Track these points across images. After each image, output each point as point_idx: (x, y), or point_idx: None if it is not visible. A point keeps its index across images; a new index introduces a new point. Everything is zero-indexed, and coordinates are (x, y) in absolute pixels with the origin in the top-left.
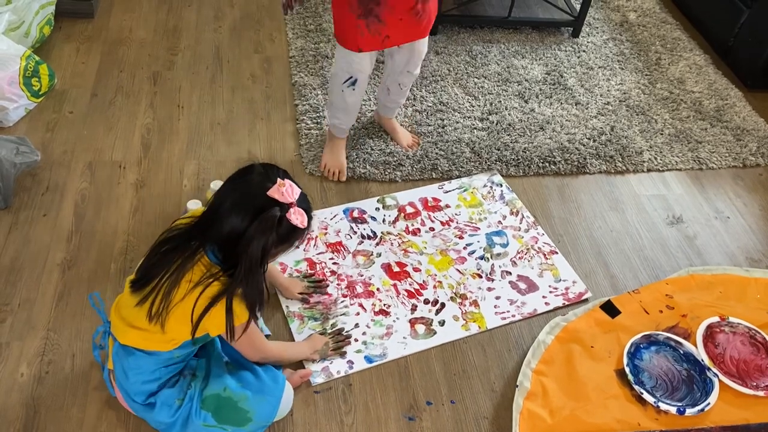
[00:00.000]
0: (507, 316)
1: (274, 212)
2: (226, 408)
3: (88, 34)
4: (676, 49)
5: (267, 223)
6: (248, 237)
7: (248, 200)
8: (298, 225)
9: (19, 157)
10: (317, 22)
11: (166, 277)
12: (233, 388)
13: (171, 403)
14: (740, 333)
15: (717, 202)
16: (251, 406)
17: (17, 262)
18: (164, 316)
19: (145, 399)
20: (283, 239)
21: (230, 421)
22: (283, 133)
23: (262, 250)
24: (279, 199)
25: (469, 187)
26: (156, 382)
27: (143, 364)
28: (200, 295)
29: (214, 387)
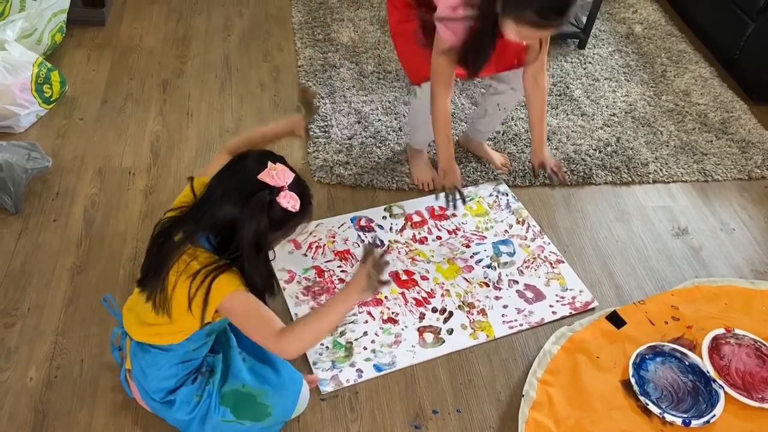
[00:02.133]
0: (514, 324)
1: (263, 195)
2: (245, 403)
3: (99, 42)
4: (682, 61)
5: (256, 206)
6: (240, 222)
7: (239, 185)
8: (289, 208)
9: (30, 162)
10: (326, 32)
11: (165, 270)
12: (252, 384)
13: (190, 400)
14: (746, 345)
15: (722, 214)
16: (270, 401)
17: (27, 267)
18: (168, 307)
19: (163, 396)
20: (278, 224)
21: (249, 416)
22: (291, 141)
23: (255, 234)
24: (269, 182)
25: (475, 196)
26: (174, 378)
27: (160, 361)
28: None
29: (232, 383)
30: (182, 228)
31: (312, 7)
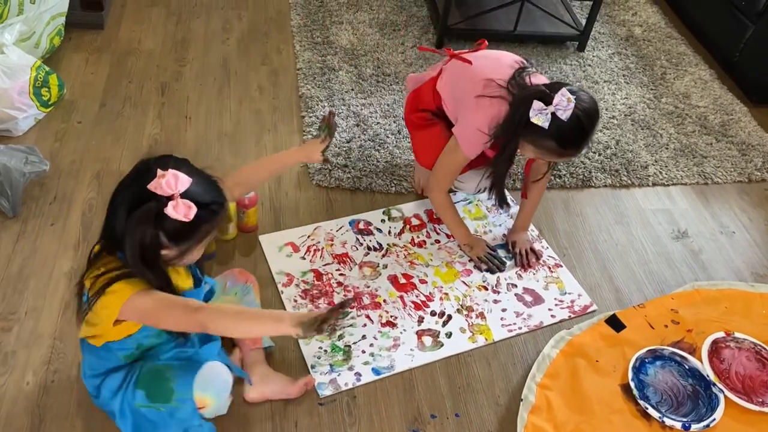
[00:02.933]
0: (513, 328)
1: (147, 207)
2: (154, 381)
3: (97, 45)
4: (682, 63)
5: (140, 218)
6: (126, 234)
7: (130, 196)
8: (180, 218)
9: (28, 166)
10: (324, 35)
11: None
12: (164, 361)
13: (113, 389)
14: (746, 348)
15: (722, 217)
16: (172, 374)
17: (25, 271)
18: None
19: (94, 391)
20: (178, 235)
21: (158, 397)
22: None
23: (139, 247)
24: (157, 191)
25: (474, 200)
26: (100, 377)
27: (91, 360)
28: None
29: (150, 362)
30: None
31: (311, 10)
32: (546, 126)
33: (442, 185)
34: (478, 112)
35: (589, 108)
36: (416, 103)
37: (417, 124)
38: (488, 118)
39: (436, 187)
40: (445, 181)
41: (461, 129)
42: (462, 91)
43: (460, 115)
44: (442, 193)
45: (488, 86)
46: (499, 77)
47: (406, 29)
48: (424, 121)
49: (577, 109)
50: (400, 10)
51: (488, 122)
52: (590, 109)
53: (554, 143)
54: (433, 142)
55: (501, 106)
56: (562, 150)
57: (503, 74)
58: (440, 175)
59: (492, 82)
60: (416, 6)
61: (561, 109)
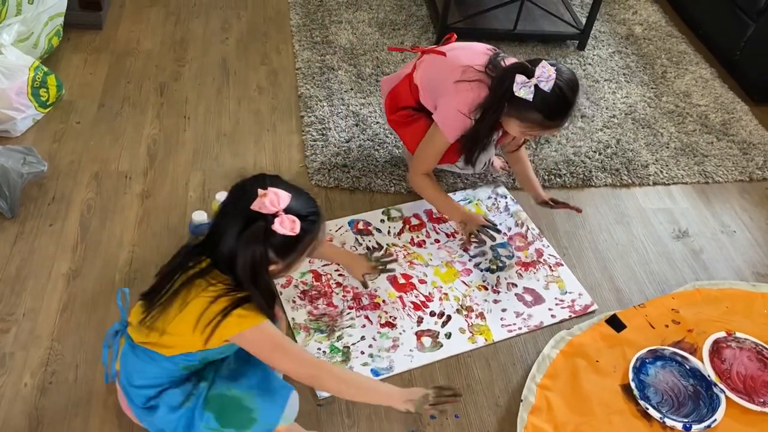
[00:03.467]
0: (513, 328)
1: (257, 226)
2: (229, 408)
3: (96, 46)
4: (682, 62)
5: (251, 237)
6: (237, 253)
7: (236, 216)
8: (288, 233)
9: (26, 167)
10: (324, 35)
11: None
12: (238, 388)
13: (174, 405)
14: (747, 348)
15: (723, 216)
16: (255, 405)
17: (23, 272)
18: (159, 326)
19: (145, 402)
20: (285, 249)
21: (234, 423)
22: (289, 144)
23: (252, 264)
24: (262, 211)
25: (473, 199)
26: (156, 388)
27: (147, 369)
28: (210, 304)
29: (218, 387)
30: (193, 257)
31: (310, 9)
32: (530, 98)
33: (422, 170)
34: (458, 96)
35: (570, 79)
36: (395, 102)
37: (401, 123)
38: (468, 101)
39: (416, 171)
40: (425, 167)
41: (441, 113)
42: (439, 81)
43: (439, 102)
44: (421, 176)
45: (466, 72)
46: (476, 63)
47: (405, 28)
48: (407, 118)
49: (558, 80)
50: (399, 10)
51: (468, 105)
52: (571, 79)
53: (540, 115)
54: (421, 135)
55: (480, 90)
56: (548, 121)
57: (479, 61)
58: (421, 160)
59: (470, 68)
60: (416, 5)
61: (543, 80)
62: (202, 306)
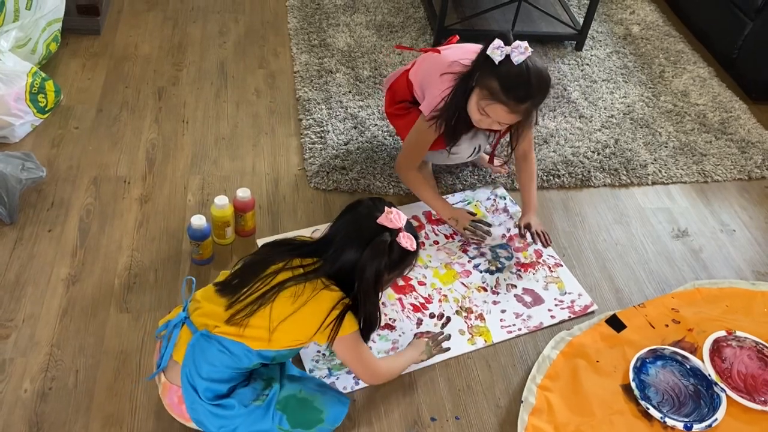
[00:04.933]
0: (513, 329)
1: (384, 237)
2: (301, 408)
3: (94, 51)
4: (680, 61)
5: (379, 248)
6: (362, 263)
7: (360, 230)
8: (409, 248)
9: (25, 173)
10: (321, 38)
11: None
12: (307, 390)
13: (246, 403)
14: (747, 347)
15: (722, 215)
16: (324, 406)
17: (22, 278)
18: (257, 321)
19: (213, 398)
20: (396, 264)
21: (303, 424)
22: (288, 147)
23: (375, 275)
24: (388, 225)
25: (472, 200)
26: (226, 383)
27: (218, 361)
28: (334, 307)
29: (289, 389)
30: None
31: (307, 12)
32: (497, 60)
33: (412, 162)
34: (442, 85)
35: (542, 70)
36: (393, 96)
37: (396, 115)
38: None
39: (405, 164)
40: (413, 158)
41: (427, 103)
42: (429, 74)
43: (426, 92)
44: (412, 170)
45: (452, 66)
46: (465, 59)
47: (403, 31)
48: (403, 110)
49: (529, 61)
50: (397, 12)
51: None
52: (542, 70)
53: (497, 84)
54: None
55: None
56: (503, 95)
57: (468, 57)
58: (408, 151)
59: (457, 62)
60: (413, 7)
61: (516, 52)
62: (326, 307)
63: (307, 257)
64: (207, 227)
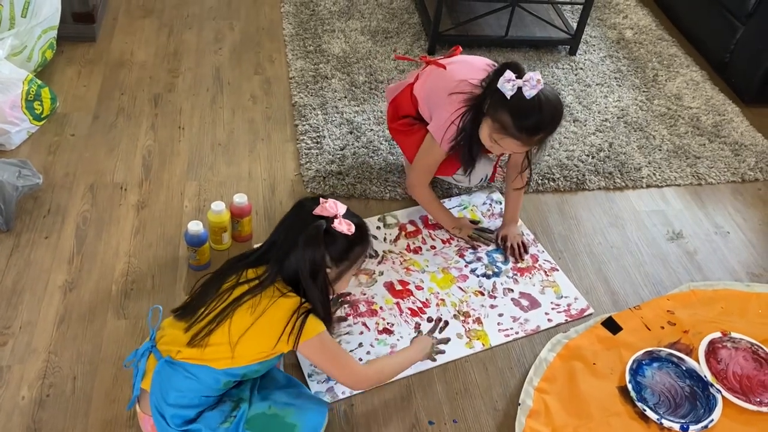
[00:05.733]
0: (510, 333)
1: (318, 224)
2: (271, 426)
3: (89, 58)
4: (673, 65)
5: (311, 234)
6: (298, 252)
7: (299, 225)
8: (345, 232)
9: (21, 180)
10: (317, 44)
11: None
12: (277, 405)
13: (214, 427)
14: (743, 348)
15: (716, 217)
16: (298, 419)
17: (19, 285)
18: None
19: (180, 424)
20: (342, 255)
21: None
22: (284, 153)
23: (311, 264)
24: (324, 213)
25: (468, 205)
26: (194, 409)
27: (185, 386)
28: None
29: (258, 407)
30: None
31: (303, 18)
32: (508, 95)
33: (423, 181)
34: (451, 107)
35: (554, 100)
36: (396, 111)
37: (400, 131)
38: (461, 113)
39: (418, 183)
40: (425, 178)
41: (436, 124)
42: (436, 93)
43: (434, 113)
44: (424, 188)
45: (461, 85)
46: (473, 78)
47: (398, 36)
48: (407, 126)
49: (542, 93)
50: (391, 18)
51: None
52: (554, 101)
53: (510, 118)
54: (419, 145)
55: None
56: (515, 130)
57: (476, 75)
58: (418, 171)
59: (465, 81)
60: (408, 13)
61: (528, 85)
62: (284, 314)
63: (257, 266)
64: (204, 233)
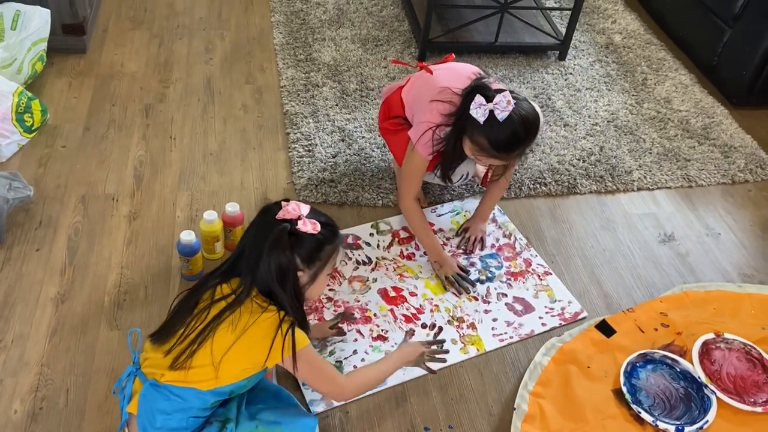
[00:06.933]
0: (505, 338)
1: (282, 227)
2: None
3: (80, 69)
4: (662, 69)
5: (276, 238)
6: (265, 259)
7: (263, 231)
8: (310, 231)
9: (12, 192)
10: (307, 52)
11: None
12: (265, 424)
13: None
14: (736, 349)
15: (708, 219)
16: None
17: (10, 298)
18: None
19: None
20: (311, 256)
21: None
22: (276, 161)
23: (278, 268)
24: (286, 216)
25: (461, 210)
26: (183, 431)
27: (172, 408)
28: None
29: (245, 425)
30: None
31: (293, 28)
32: (481, 120)
33: (410, 191)
34: (431, 114)
35: (528, 116)
36: (387, 111)
37: (390, 130)
38: (440, 119)
39: (404, 193)
40: (411, 187)
41: (415, 131)
42: (419, 98)
43: (415, 117)
44: (409, 200)
45: (443, 92)
46: (456, 86)
47: (388, 44)
48: (397, 126)
49: (514, 113)
50: (381, 26)
51: (439, 122)
52: (529, 116)
53: (486, 141)
54: (406, 144)
55: (452, 109)
56: (493, 150)
57: (461, 84)
58: (405, 180)
59: (447, 89)
60: (398, 21)
61: (499, 108)
62: (267, 329)
63: (229, 278)
64: (196, 243)
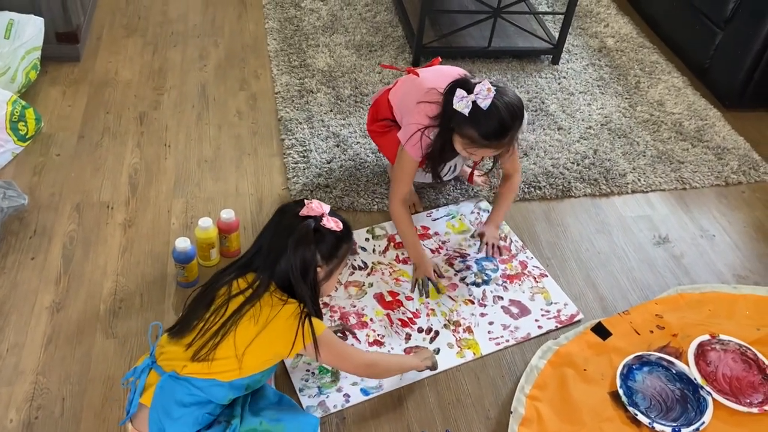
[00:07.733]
0: (501, 341)
1: (307, 223)
2: None
3: (74, 78)
4: (655, 72)
5: (302, 234)
6: (289, 255)
7: (285, 228)
8: (334, 228)
9: (6, 201)
10: (301, 58)
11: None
12: (269, 420)
13: None
14: (731, 350)
15: (702, 221)
16: None
17: (5, 307)
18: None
19: None
20: (331, 252)
21: None
22: (271, 167)
23: (302, 263)
24: (311, 213)
25: (456, 214)
26: (195, 426)
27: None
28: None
29: (249, 423)
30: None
31: (287, 34)
32: (466, 113)
33: (399, 193)
34: (418, 115)
35: (511, 101)
36: (375, 113)
37: (378, 132)
38: (427, 120)
39: (393, 196)
40: (400, 189)
41: (404, 132)
42: (407, 100)
43: (404, 119)
44: (398, 203)
45: (429, 93)
46: (442, 87)
47: (382, 50)
48: (385, 127)
49: (497, 100)
50: (375, 32)
51: (425, 124)
52: (511, 102)
53: (474, 132)
54: (396, 143)
55: (439, 110)
56: (483, 140)
57: (445, 84)
58: (395, 183)
59: (433, 90)
60: (391, 26)
61: (481, 97)
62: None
63: (244, 274)
64: (192, 249)
